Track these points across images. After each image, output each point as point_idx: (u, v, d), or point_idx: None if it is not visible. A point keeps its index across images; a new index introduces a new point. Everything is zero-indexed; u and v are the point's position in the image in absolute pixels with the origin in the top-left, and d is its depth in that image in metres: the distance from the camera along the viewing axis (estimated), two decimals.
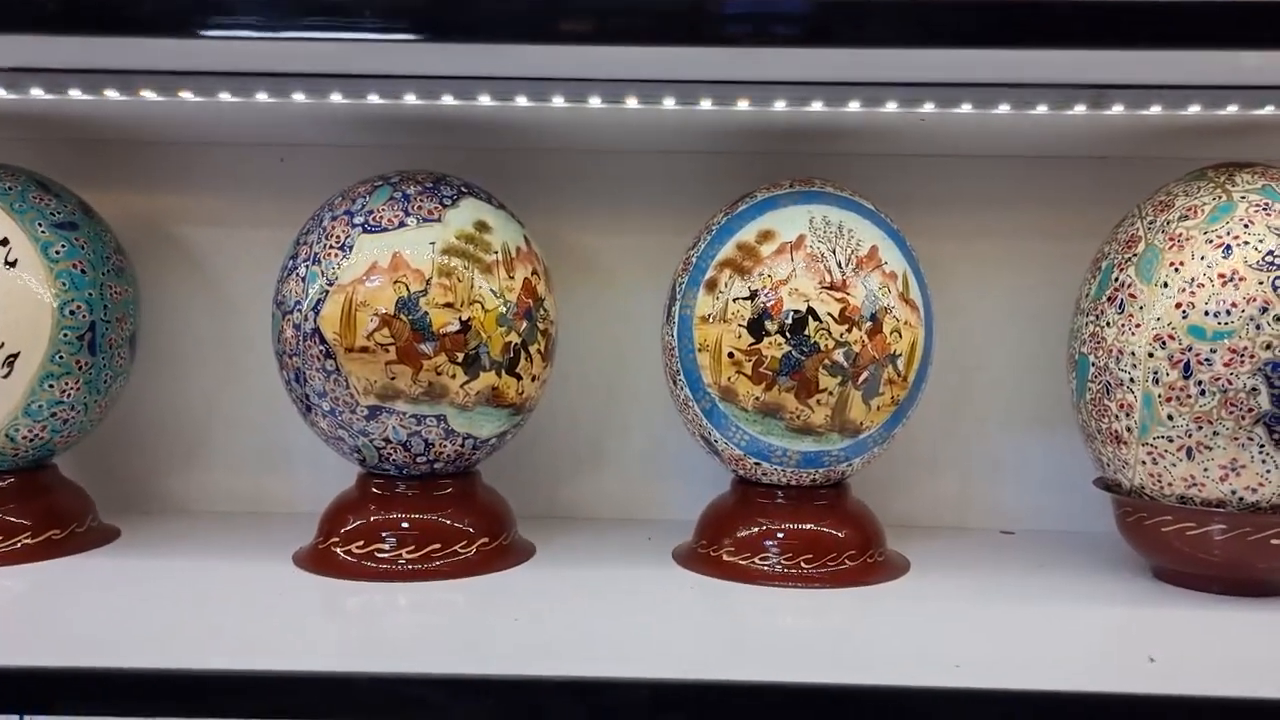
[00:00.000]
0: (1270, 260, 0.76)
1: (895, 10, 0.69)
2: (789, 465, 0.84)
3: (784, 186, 0.86)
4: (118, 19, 0.68)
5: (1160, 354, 0.78)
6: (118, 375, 0.90)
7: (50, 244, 0.85)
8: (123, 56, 0.73)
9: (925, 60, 0.70)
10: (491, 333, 0.81)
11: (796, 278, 0.80)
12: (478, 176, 0.92)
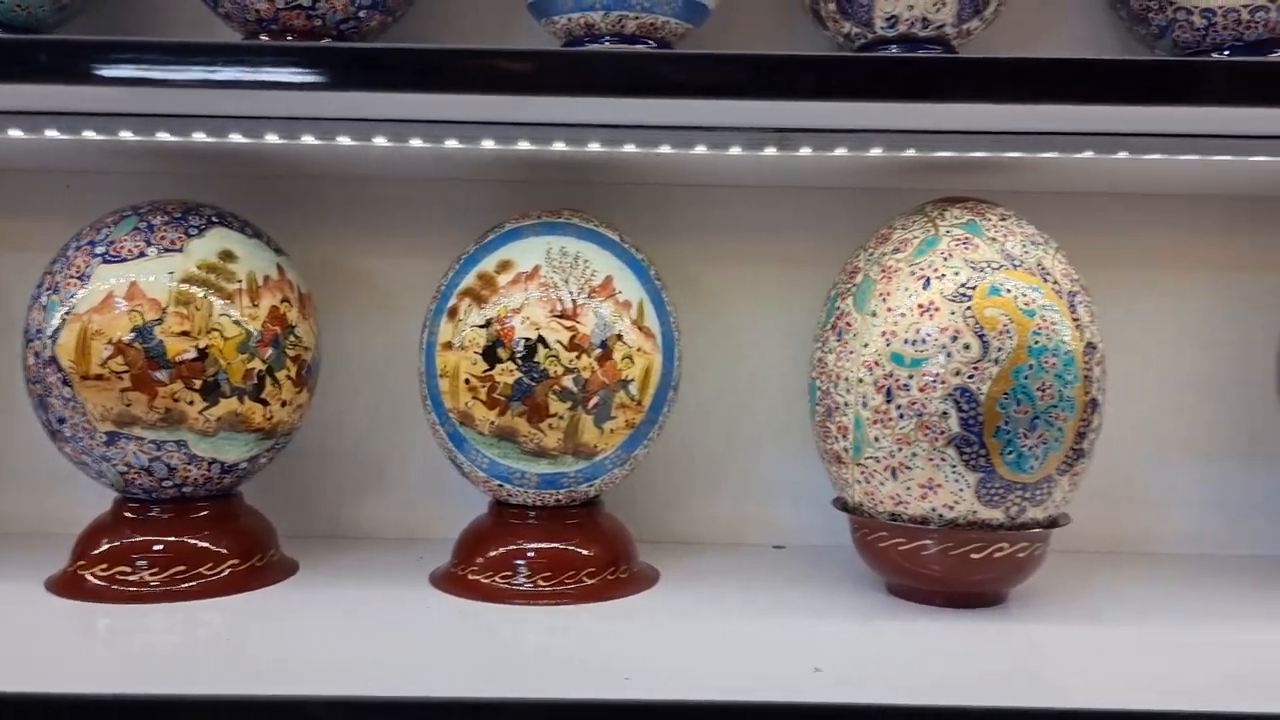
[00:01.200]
0: (963, 292, 0.81)
1: (617, 60, 0.74)
2: (529, 487, 0.87)
3: (531, 217, 0.90)
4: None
5: (868, 379, 0.83)
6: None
7: None
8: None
9: (640, 108, 0.75)
10: (231, 360, 0.83)
11: (529, 306, 0.84)
12: (265, 202, 0.94)
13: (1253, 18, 0.87)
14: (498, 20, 1.03)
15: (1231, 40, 0.89)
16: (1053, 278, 0.82)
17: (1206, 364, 1.07)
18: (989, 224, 0.85)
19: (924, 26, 0.90)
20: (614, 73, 0.73)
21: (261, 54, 0.73)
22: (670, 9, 0.88)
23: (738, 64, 0.72)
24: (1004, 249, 0.83)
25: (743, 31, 1.05)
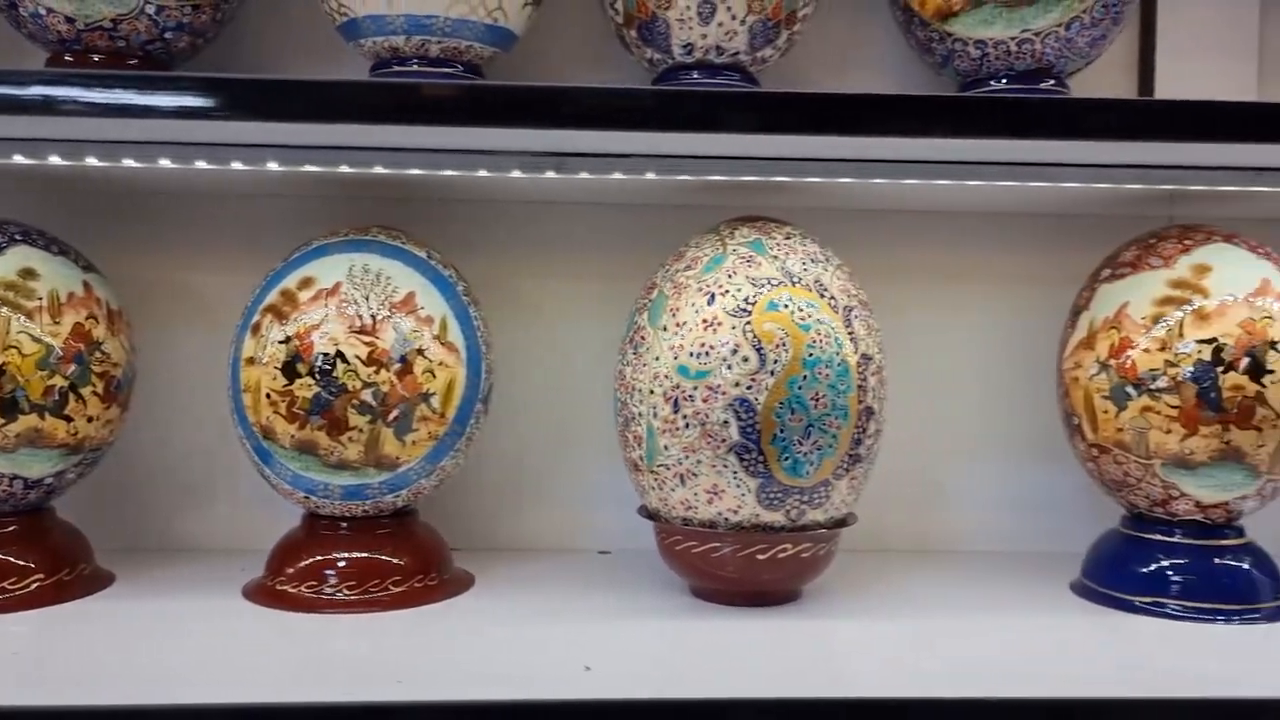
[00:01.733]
0: (744, 308, 0.86)
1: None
2: (334, 499, 0.89)
3: (339, 235, 0.92)
4: None
5: (658, 391, 0.87)
6: None
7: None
8: None
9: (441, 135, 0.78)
10: (30, 376, 0.84)
11: (328, 322, 0.86)
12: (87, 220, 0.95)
13: (1020, 49, 0.93)
14: (308, 41, 1.05)
15: (1004, 70, 0.95)
16: (830, 293, 0.87)
17: (994, 371, 1.13)
18: (774, 243, 0.89)
19: (719, 54, 0.94)
20: (399, 103, 0.76)
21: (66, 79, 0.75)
22: (474, 33, 0.92)
23: (507, 94, 0.76)
24: (784, 267, 0.87)
25: (559, 55, 1.08)
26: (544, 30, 1.04)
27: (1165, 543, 0.93)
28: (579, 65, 1.09)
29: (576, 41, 1.08)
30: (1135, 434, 0.90)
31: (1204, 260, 0.90)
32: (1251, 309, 0.87)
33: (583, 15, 1.06)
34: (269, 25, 1.06)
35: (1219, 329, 0.87)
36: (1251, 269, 0.90)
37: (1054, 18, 0.92)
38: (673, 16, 0.92)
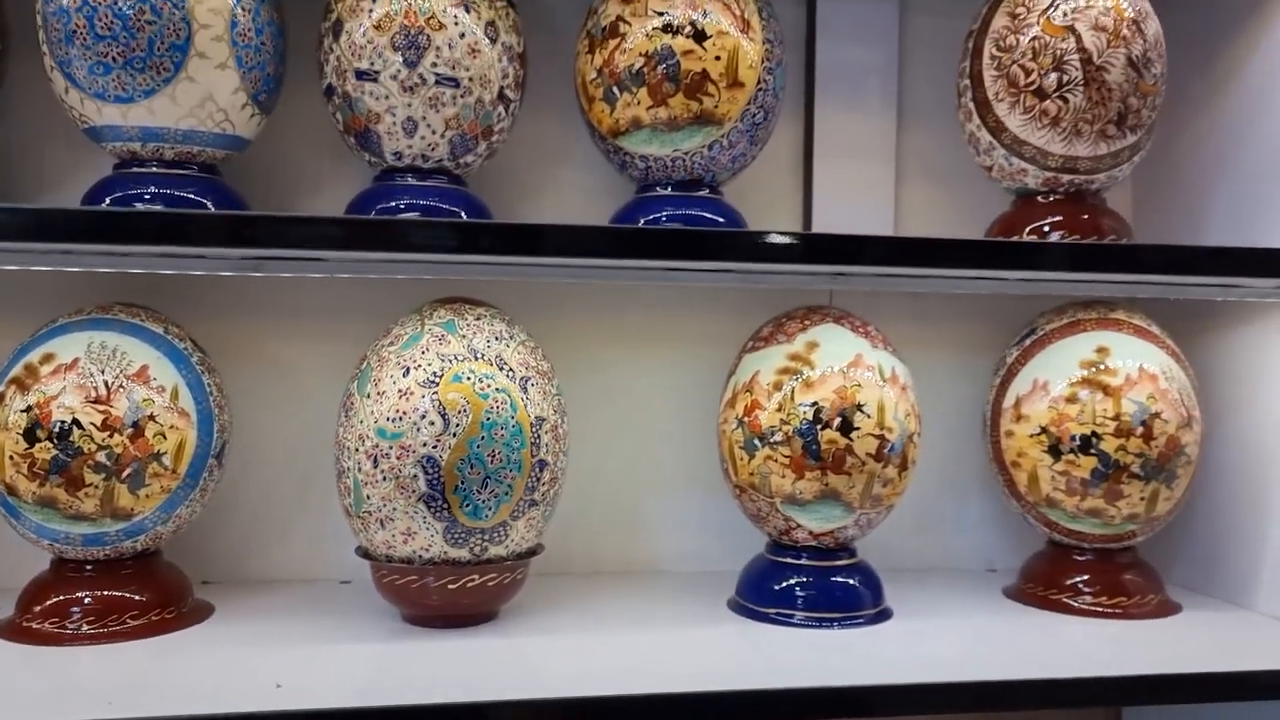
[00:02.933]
0: (432, 380, 1.03)
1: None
2: (75, 545, 1.02)
3: (84, 313, 1.05)
4: None
5: (362, 449, 1.03)
6: None
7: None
8: None
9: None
10: None
11: (66, 394, 0.99)
12: None
13: (674, 164, 1.14)
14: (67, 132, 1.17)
15: (665, 179, 1.16)
16: (509, 366, 1.05)
17: (681, 417, 1.34)
18: (465, 322, 1.07)
19: (425, 160, 1.11)
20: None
21: None
22: (205, 140, 1.06)
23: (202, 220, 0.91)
24: (470, 344, 1.05)
25: (296, 156, 1.24)
26: (279, 134, 1.19)
27: (793, 565, 1.16)
28: (321, 159, 1.25)
29: (311, 142, 1.24)
30: (761, 477, 1.12)
31: (815, 338, 1.13)
32: (845, 378, 1.10)
33: (318, 118, 1.21)
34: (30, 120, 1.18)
35: (820, 394, 1.09)
36: (850, 345, 1.12)
37: (698, 141, 1.12)
38: (382, 130, 1.09)
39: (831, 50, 1.35)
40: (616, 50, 1.12)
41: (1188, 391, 1.17)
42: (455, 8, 1.08)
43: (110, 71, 1.00)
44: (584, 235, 1.02)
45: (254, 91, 1.08)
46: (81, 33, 0.99)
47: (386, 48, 1.06)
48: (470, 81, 1.09)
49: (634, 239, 1.03)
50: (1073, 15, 1.13)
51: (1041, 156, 1.16)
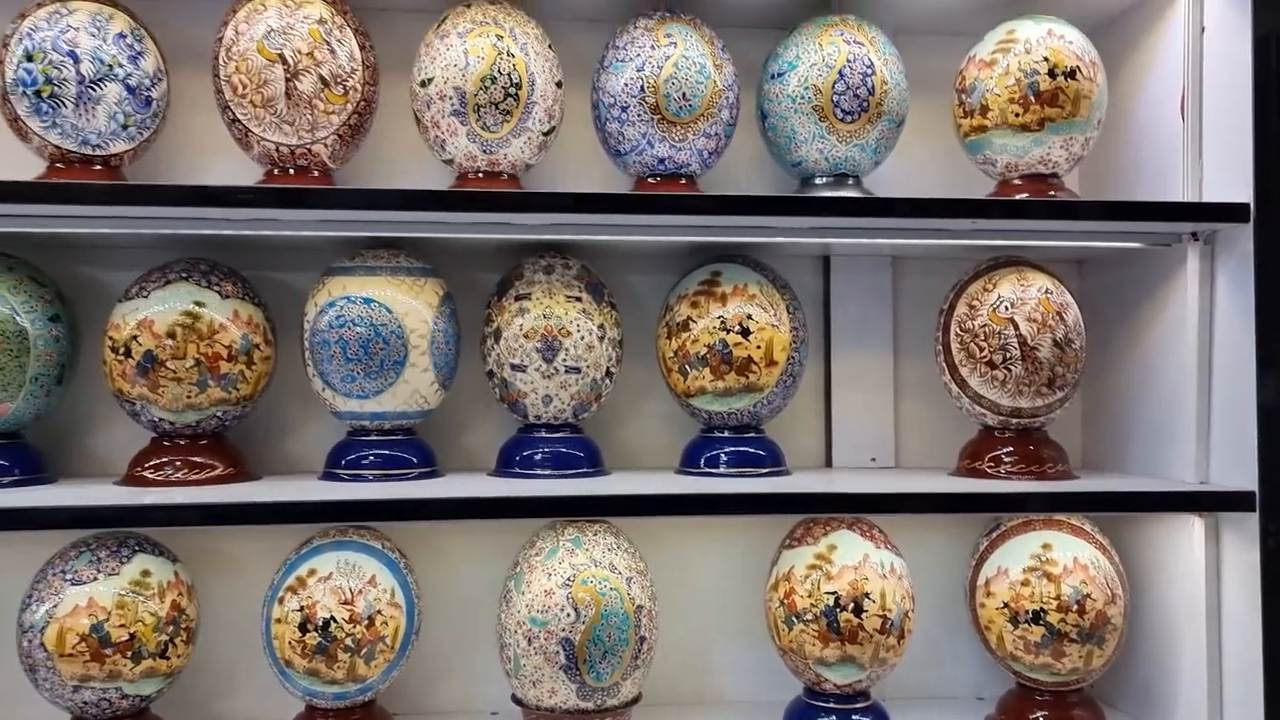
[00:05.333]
0: (568, 580, 1.49)
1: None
2: (327, 700, 1.49)
3: (331, 537, 1.53)
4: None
5: (520, 631, 1.49)
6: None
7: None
8: None
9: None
10: (148, 637, 1.43)
11: (325, 597, 1.47)
12: None
13: (729, 416, 1.60)
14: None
15: (723, 424, 1.62)
16: (618, 569, 1.51)
17: (739, 590, 1.78)
18: (586, 538, 1.53)
19: (555, 419, 1.59)
20: None
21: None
22: (411, 416, 1.55)
23: None
24: (591, 555, 1.51)
25: (465, 414, 1.73)
26: (454, 400, 1.68)
27: (823, 707, 1.59)
28: (480, 416, 1.74)
29: (476, 404, 1.73)
30: (797, 645, 1.55)
31: (834, 541, 1.57)
32: (856, 573, 1.54)
33: (480, 389, 1.70)
34: None
35: (838, 585, 1.54)
36: (859, 547, 1.57)
37: (746, 402, 1.59)
38: (527, 402, 1.58)
39: (843, 307, 1.82)
40: (688, 340, 1.60)
41: (1112, 576, 1.58)
42: (578, 316, 1.57)
43: (354, 380, 1.51)
44: (669, 501, 1.49)
45: (443, 380, 1.57)
46: (337, 356, 1.50)
47: (532, 350, 1.56)
48: (588, 368, 1.58)
49: (708, 503, 1.50)
50: (1012, 309, 1.58)
51: (995, 406, 1.61)
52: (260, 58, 1.48)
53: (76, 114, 1.44)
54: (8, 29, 1.47)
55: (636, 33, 1.59)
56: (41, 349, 1.49)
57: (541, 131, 1.58)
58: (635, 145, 1.59)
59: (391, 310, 1.52)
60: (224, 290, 1.53)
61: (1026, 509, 1.60)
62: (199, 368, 1.48)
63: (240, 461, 1.59)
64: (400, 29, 1.67)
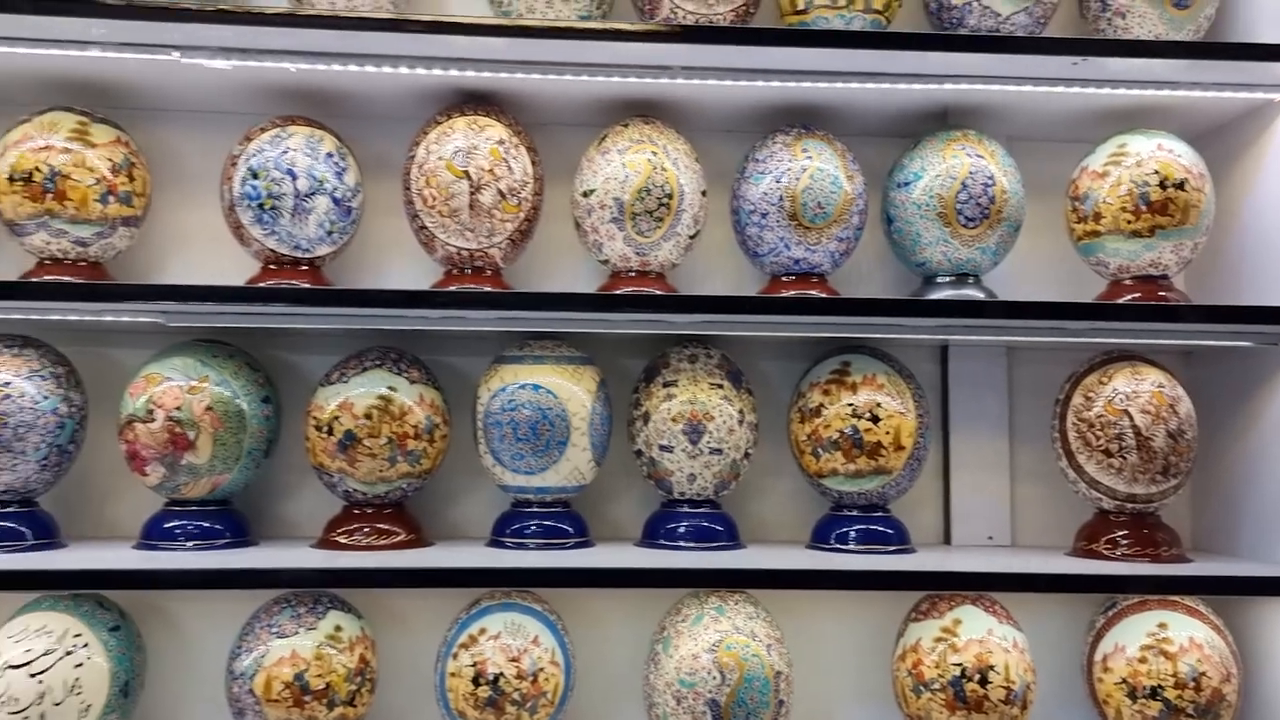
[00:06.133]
0: (713, 645, 1.62)
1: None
2: None
3: (496, 599, 1.69)
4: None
5: (668, 692, 1.63)
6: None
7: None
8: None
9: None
10: (340, 686, 1.60)
11: (495, 654, 1.62)
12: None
13: (859, 495, 1.74)
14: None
15: (852, 504, 1.76)
16: (759, 638, 1.64)
17: (864, 657, 1.90)
18: (728, 606, 1.67)
19: (698, 496, 1.74)
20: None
21: None
22: (569, 490, 1.72)
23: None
24: (734, 622, 1.65)
25: (614, 489, 1.89)
26: (604, 477, 1.84)
27: None
28: (627, 490, 1.89)
29: (624, 478, 1.89)
30: (925, 713, 1.66)
31: (959, 615, 1.69)
32: (981, 646, 1.65)
33: (628, 466, 1.87)
34: None
35: (964, 657, 1.65)
36: (983, 622, 1.68)
37: (876, 484, 1.73)
38: (673, 480, 1.74)
39: (961, 394, 1.95)
40: (820, 424, 1.75)
41: (1226, 655, 1.66)
42: (721, 402, 1.73)
43: (523, 458, 1.69)
44: (809, 576, 1.63)
45: (597, 458, 1.74)
46: (508, 435, 1.69)
47: (679, 433, 1.72)
48: (729, 449, 1.73)
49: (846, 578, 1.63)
50: (1127, 402, 1.70)
51: (1111, 491, 1.72)
52: (448, 174, 1.69)
53: (292, 223, 1.67)
54: (235, 150, 1.71)
55: (775, 146, 1.77)
56: (255, 426, 1.70)
57: (688, 235, 1.76)
58: (773, 248, 1.76)
59: (556, 395, 1.70)
60: (411, 376, 1.72)
61: (1142, 590, 1.70)
62: (390, 445, 1.68)
63: (418, 529, 1.77)
64: (562, 141, 1.88)
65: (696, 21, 1.72)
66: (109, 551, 1.68)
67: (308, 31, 1.60)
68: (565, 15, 1.74)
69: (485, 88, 1.77)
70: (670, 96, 1.81)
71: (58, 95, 1.75)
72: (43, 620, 1.60)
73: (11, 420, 1.60)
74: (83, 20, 1.56)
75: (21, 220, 1.65)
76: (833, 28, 1.73)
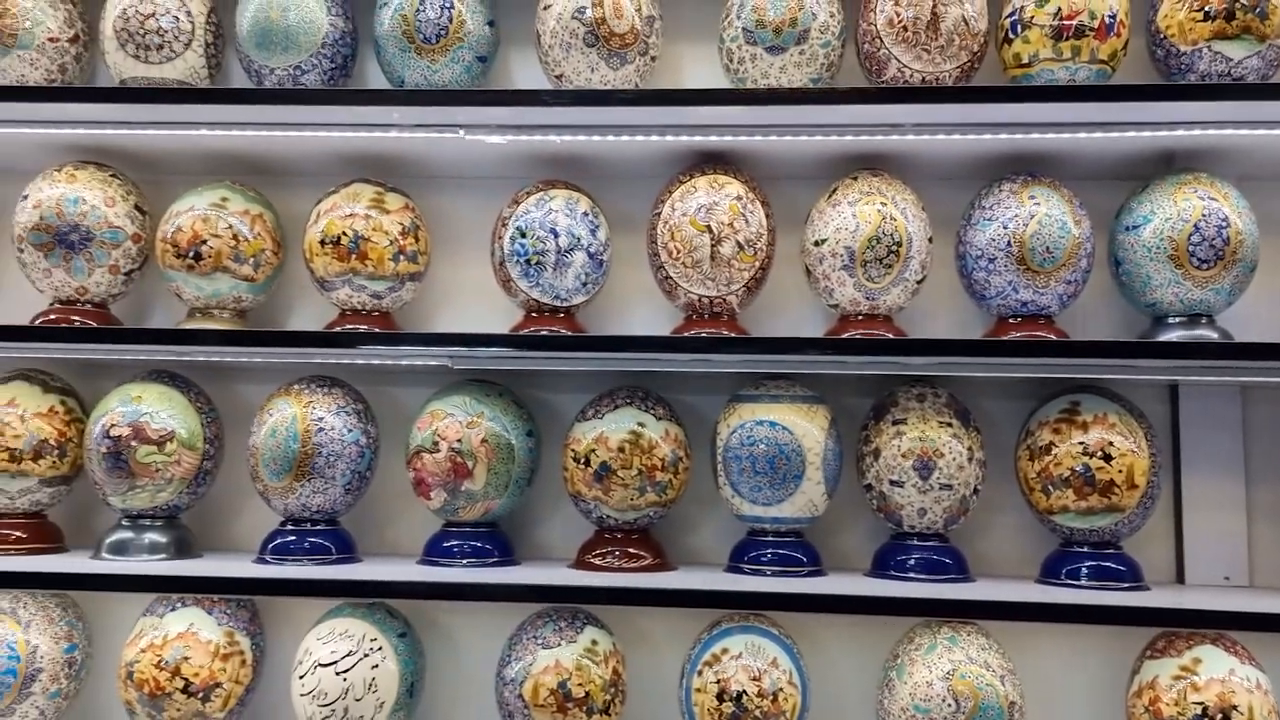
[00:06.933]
0: (947, 674, 1.69)
1: None
2: None
3: (735, 621, 1.82)
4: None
5: (904, 716, 1.71)
6: None
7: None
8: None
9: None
10: (598, 695, 1.76)
11: (738, 673, 1.75)
12: None
13: (1089, 533, 1.77)
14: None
15: (1083, 540, 1.79)
16: (992, 668, 1.70)
17: (1101, 691, 1.91)
18: (961, 637, 1.74)
19: (927, 529, 1.82)
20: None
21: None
22: (802, 522, 1.83)
23: None
24: (967, 653, 1.71)
25: (843, 523, 1.99)
26: (833, 510, 1.95)
27: None
28: (853, 521, 1.99)
29: (852, 511, 1.99)
30: None
31: (1198, 655, 1.70)
32: (1223, 686, 1.65)
33: (857, 500, 1.96)
34: None
35: (1205, 696, 1.65)
36: (1224, 662, 1.67)
37: (1108, 521, 1.76)
38: (903, 514, 1.82)
39: (1193, 433, 1.95)
40: (1051, 462, 1.80)
41: None
42: (950, 440, 1.81)
43: (760, 490, 1.82)
44: (1044, 609, 1.68)
45: (829, 491, 1.85)
46: (746, 469, 1.82)
47: (909, 469, 1.81)
48: (958, 485, 1.81)
49: (1083, 612, 1.68)
50: None
51: None
52: (692, 229, 1.85)
53: (554, 276, 1.87)
54: (504, 211, 1.93)
55: (1002, 194, 1.85)
56: (521, 457, 1.90)
57: (916, 280, 1.86)
58: (1000, 291, 1.83)
59: (792, 432, 1.83)
60: (657, 413, 1.89)
61: None
62: (640, 476, 1.84)
63: (663, 553, 1.93)
64: (791, 194, 2.01)
65: (923, 80, 1.83)
66: (397, 566, 1.91)
67: (571, 110, 1.81)
68: (798, 80, 1.88)
69: (721, 148, 1.93)
70: (895, 150, 1.92)
71: (358, 169, 2.04)
72: (345, 625, 1.85)
73: (325, 450, 1.87)
74: (384, 108, 1.83)
75: (330, 277, 1.92)
76: (1058, 80, 1.80)
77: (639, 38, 1.90)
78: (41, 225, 1.91)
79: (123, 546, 1.92)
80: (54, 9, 1.98)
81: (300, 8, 1.92)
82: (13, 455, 1.89)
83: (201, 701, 1.81)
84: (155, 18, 1.93)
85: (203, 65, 1.98)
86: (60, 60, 1.99)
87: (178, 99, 1.86)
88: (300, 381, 1.95)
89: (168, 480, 1.89)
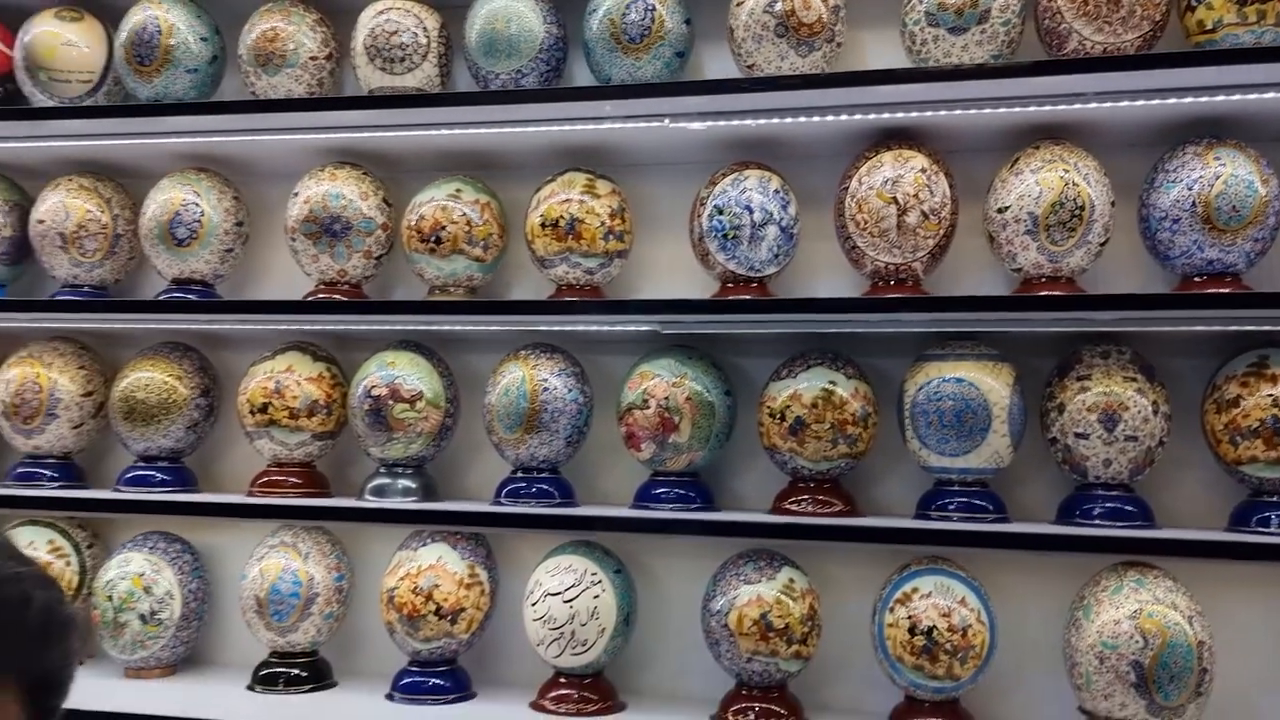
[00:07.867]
0: (1133, 614, 1.77)
1: None
2: (927, 692, 1.90)
3: (923, 563, 1.95)
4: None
5: (1091, 652, 1.80)
6: None
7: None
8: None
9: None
10: (796, 628, 1.93)
11: (929, 611, 1.88)
12: None
13: None
14: None
15: (1274, 490, 1.83)
16: (1179, 608, 1.77)
17: None
18: (1148, 580, 1.82)
19: (1113, 479, 1.90)
20: None
21: None
22: (984, 472, 1.95)
23: None
24: (1154, 593, 1.79)
25: (1029, 473, 2.09)
26: (1018, 461, 2.05)
27: None
28: (1039, 470, 2.09)
29: (1031, 462, 2.09)
30: None
31: None
32: None
33: (1042, 453, 2.06)
34: None
35: None
36: None
37: None
38: (1088, 465, 1.91)
39: None
40: (1239, 414, 1.85)
41: None
42: (1135, 394, 1.89)
43: (947, 442, 1.95)
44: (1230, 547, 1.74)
45: (1014, 444, 1.96)
46: (934, 423, 1.96)
47: (1094, 421, 1.90)
48: (1143, 437, 1.88)
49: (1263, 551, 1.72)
50: None
51: None
52: (878, 200, 2.00)
53: (749, 249, 2.05)
54: (702, 192, 2.13)
55: (1186, 156, 1.91)
56: (720, 414, 2.10)
57: (1098, 243, 1.94)
58: (1185, 250, 1.89)
59: (978, 387, 1.95)
60: (847, 372, 2.05)
61: None
62: (832, 429, 2.00)
63: (852, 501, 2.09)
64: (972, 165, 2.13)
65: (1104, 51, 1.91)
66: (612, 510, 2.15)
67: (766, 95, 1.99)
68: (980, 58, 1.99)
69: (905, 124, 2.06)
70: (1075, 120, 2.00)
71: (570, 160, 2.28)
72: (569, 561, 2.10)
73: (549, 407, 2.11)
74: (597, 103, 2.06)
75: (549, 256, 2.17)
76: (1243, 44, 1.84)
77: (825, 26, 2.06)
78: (311, 217, 2.24)
79: (381, 490, 2.23)
80: (313, 31, 2.31)
81: (521, 19, 2.18)
82: (292, 413, 2.23)
83: (450, 623, 2.09)
84: (399, 34, 2.22)
85: (436, 74, 2.26)
86: (319, 75, 2.32)
87: (418, 104, 2.15)
88: (526, 348, 2.21)
89: (418, 434, 2.18)
